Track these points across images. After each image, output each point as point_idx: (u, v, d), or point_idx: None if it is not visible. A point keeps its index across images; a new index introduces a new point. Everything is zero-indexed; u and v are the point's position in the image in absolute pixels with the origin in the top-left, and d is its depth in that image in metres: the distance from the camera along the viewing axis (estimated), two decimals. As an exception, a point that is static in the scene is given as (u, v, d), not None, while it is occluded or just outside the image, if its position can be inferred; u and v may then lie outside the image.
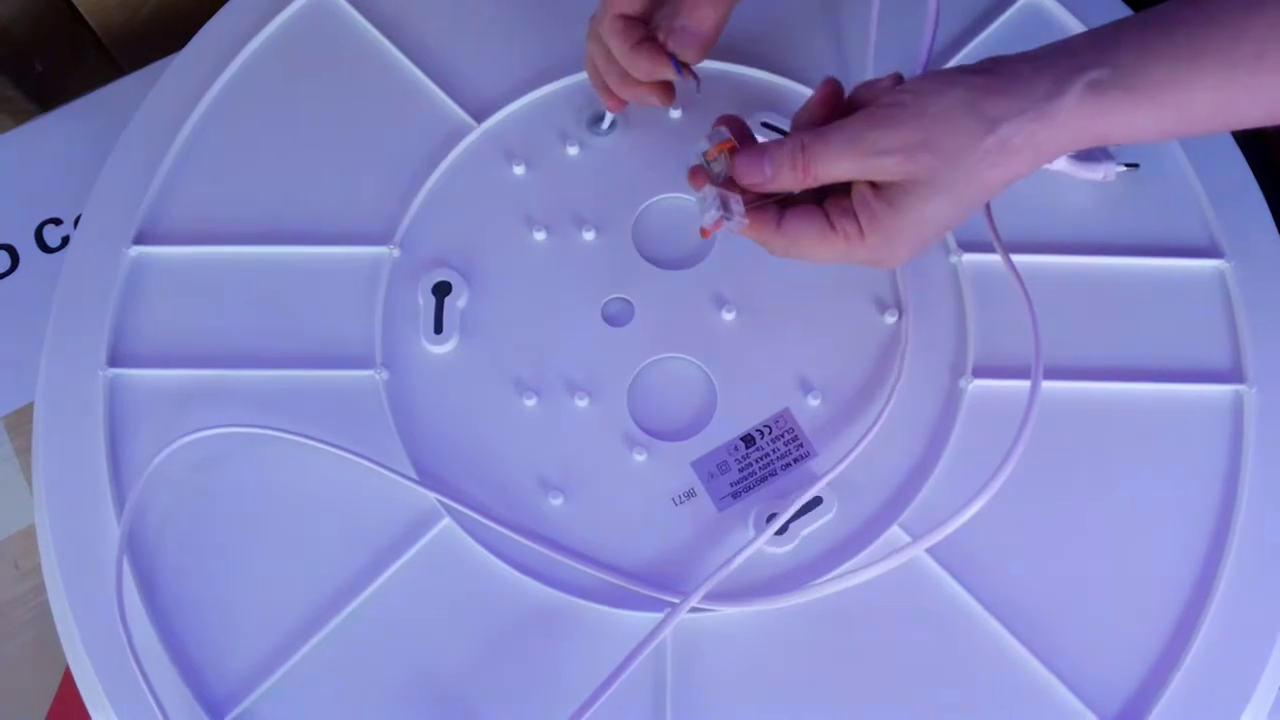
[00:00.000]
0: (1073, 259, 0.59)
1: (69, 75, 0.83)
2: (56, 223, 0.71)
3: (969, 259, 0.59)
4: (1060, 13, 0.65)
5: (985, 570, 0.54)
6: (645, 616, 0.53)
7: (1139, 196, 0.61)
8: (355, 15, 0.66)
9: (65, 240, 0.71)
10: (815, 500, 0.55)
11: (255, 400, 0.57)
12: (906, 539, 0.54)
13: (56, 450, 0.57)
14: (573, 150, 0.62)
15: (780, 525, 0.54)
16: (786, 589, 0.53)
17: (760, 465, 0.56)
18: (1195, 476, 0.56)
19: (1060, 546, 0.54)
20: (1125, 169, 0.60)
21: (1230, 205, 0.60)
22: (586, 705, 0.50)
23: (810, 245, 0.51)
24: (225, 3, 0.67)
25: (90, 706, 0.54)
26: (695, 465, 0.56)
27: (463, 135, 0.63)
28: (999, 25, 0.65)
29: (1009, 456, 0.51)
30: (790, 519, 0.54)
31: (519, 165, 0.62)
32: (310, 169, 0.62)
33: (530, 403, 0.57)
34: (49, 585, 0.56)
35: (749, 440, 0.57)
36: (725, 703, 0.52)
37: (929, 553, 0.53)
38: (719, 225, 0.51)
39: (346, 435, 0.56)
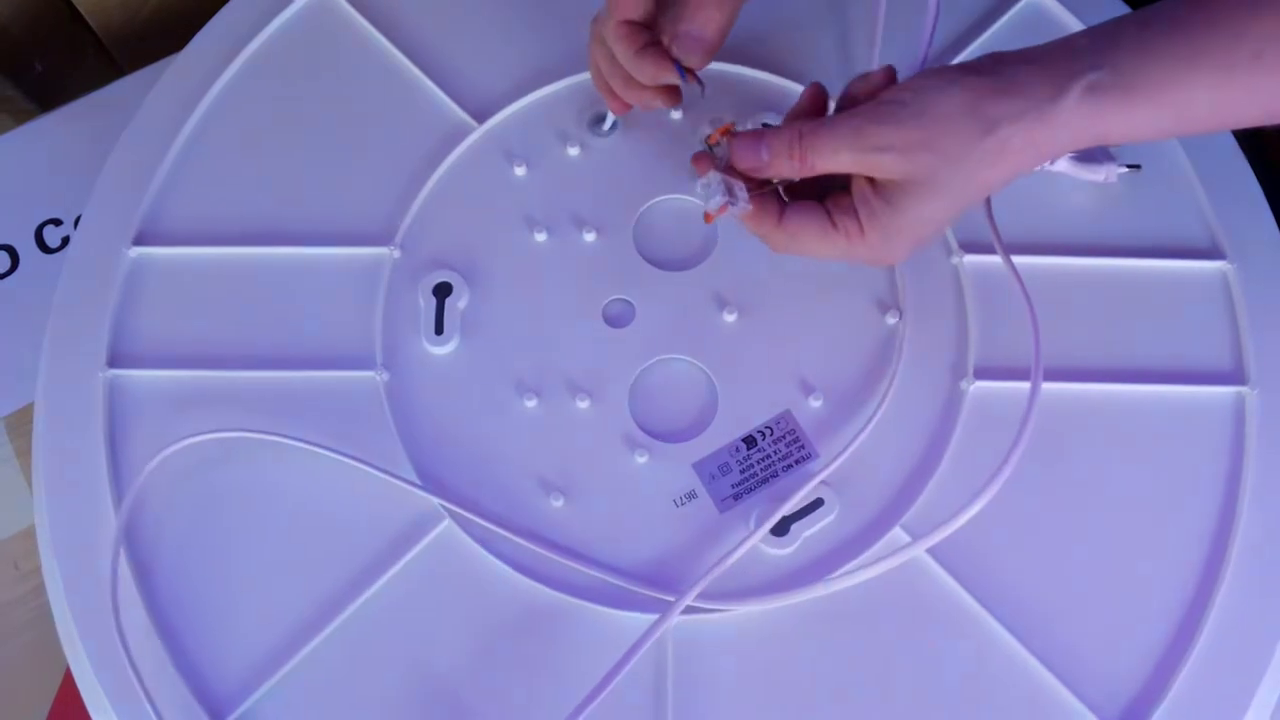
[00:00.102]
0: (1074, 260, 0.59)
1: (69, 75, 0.83)
2: (56, 223, 0.71)
3: (970, 260, 0.59)
4: (1061, 12, 0.65)
5: (987, 572, 0.54)
6: (646, 618, 0.53)
7: (1140, 198, 0.61)
8: (355, 15, 0.66)
9: (65, 241, 0.71)
10: (817, 502, 0.55)
11: (256, 401, 0.57)
12: (907, 540, 0.54)
13: (56, 451, 0.57)
14: (574, 151, 0.62)
15: (775, 522, 0.53)
16: (788, 590, 0.53)
17: (762, 467, 0.56)
18: (1197, 478, 0.56)
19: (1062, 548, 0.54)
20: (1127, 170, 0.60)
21: (1232, 206, 0.60)
22: (584, 705, 0.50)
23: (811, 241, 0.51)
24: (225, 3, 0.66)
25: (90, 708, 0.54)
26: (696, 467, 0.56)
27: (463, 136, 0.63)
28: (1000, 25, 0.64)
29: (1009, 458, 0.51)
30: (791, 520, 0.54)
31: (520, 166, 0.62)
32: (311, 169, 0.62)
33: (531, 404, 0.57)
34: (49, 586, 0.56)
35: (750, 441, 0.57)
36: (726, 703, 0.52)
37: (930, 554, 0.53)
38: (723, 210, 0.51)
39: (347, 436, 0.56)
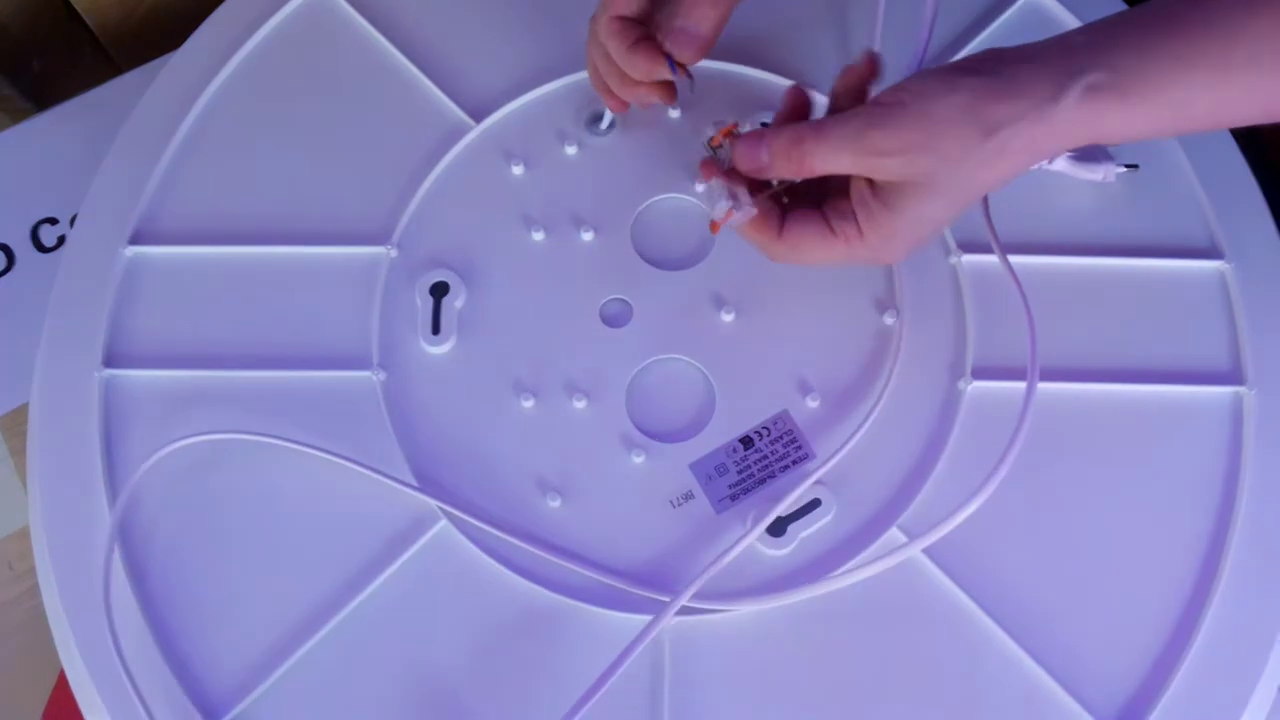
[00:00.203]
0: (1072, 260, 0.59)
1: (66, 74, 0.83)
2: (53, 222, 0.71)
3: (968, 259, 0.59)
4: (1060, 12, 0.64)
5: (984, 572, 0.54)
6: (643, 619, 0.52)
7: (1139, 197, 0.61)
8: (353, 14, 0.65)
9: (61, 240, 0.71)
10: (814, 502, 0.54)
11: (252, 400, 0.57)
12: (905, 541, 0.54)
13: (51, 451, 0.57)
14: (571, 150, 0.62)
15: (770, 522, 0.53)
16: (785, 590, 0.53)
17: (759, 467, 0.56)
18: (1194, 478, 0.55)
19: (1059, 548, 0.54)
20: (1125, 170, 0.60)
21: (1230, 206, 0.60)
22: (579, 705, 0.50)
23: (812, 249, 0.51)
24: (222, 1, 0.66)
25: (84, 709, 0.54)
26: (693, 467, 0.56)
27: (461, 135, 0.62)
28: (999, 24, 0.64)
29: (1004, 458, 0.51)
30: (788, 520, 0.54)
31: (517, 165, 0.62)
32: (307, 169, 0.62)
33: (528, 404, 0.57)
34: (43, 587, 0.56)
35: (748, 442, 0.56)
36: (723, 703, 0.52)
37: (927, 554, 0.53)
38: (729, 216, 0.51)
39: (343, 436, 0.56)
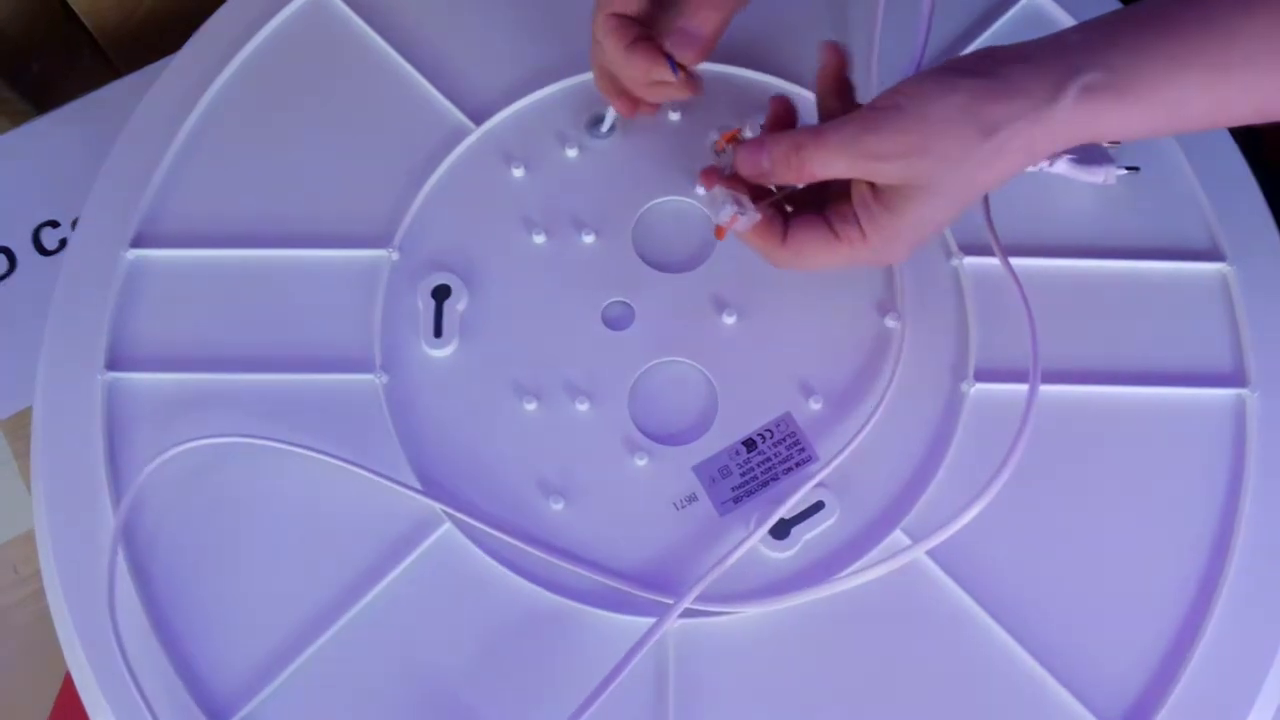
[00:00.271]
0: (1074, 262, 0.59)
1: (65, 76, 0.83)
2: (54, 225, 0.71)
3: (970, 262, 0.59)
4: (1058, 12, 0.64)
5: (988, 575, 0.54)
6: (647, 621, 0.52)
7: (1140, 200, 0.61)
8: (353, 17, 0.65)
9: (63, 243, 0.71)
10: (818, 505, 0.55)
11: (255, 404, 0.57)
12: (908, 543, 0.54)
13: (55, 454, 0.57)
14: (572, 153, 0.62)
15: (772, 524, 0.53)
16: (789, 593, 0.53)
17: (762, 470, 0.56)
18: (1197, 480, 0.56)
19: (1063, 551, 0.54)
20: (1126, 172, 0.60)
21: (1231, 208, 0.60)
22: (583, 708, 0.50)
23: (816, 253, 0.52)
24: (222, 3, 0.66)
25: (90, 711, 0.54)
26: (696, 470, 0.56)
27: (462, 137, 0.62)
28: (999, 26, 0.64)
29: (1007, 461, 0.51)
30: (792, 523, 0.54)
31: (518, 168, 0.62)
32: (308, 171, 0.62)
33: (531, 406, 0.57)
34: (48, 590, 0.56)
35: (750, 444, 0.56)
36: (728, 706, 0.52)
37: (931, 557, 0.53)
38: (734, 221, 0.51)
39: (346, 439, 0.56)
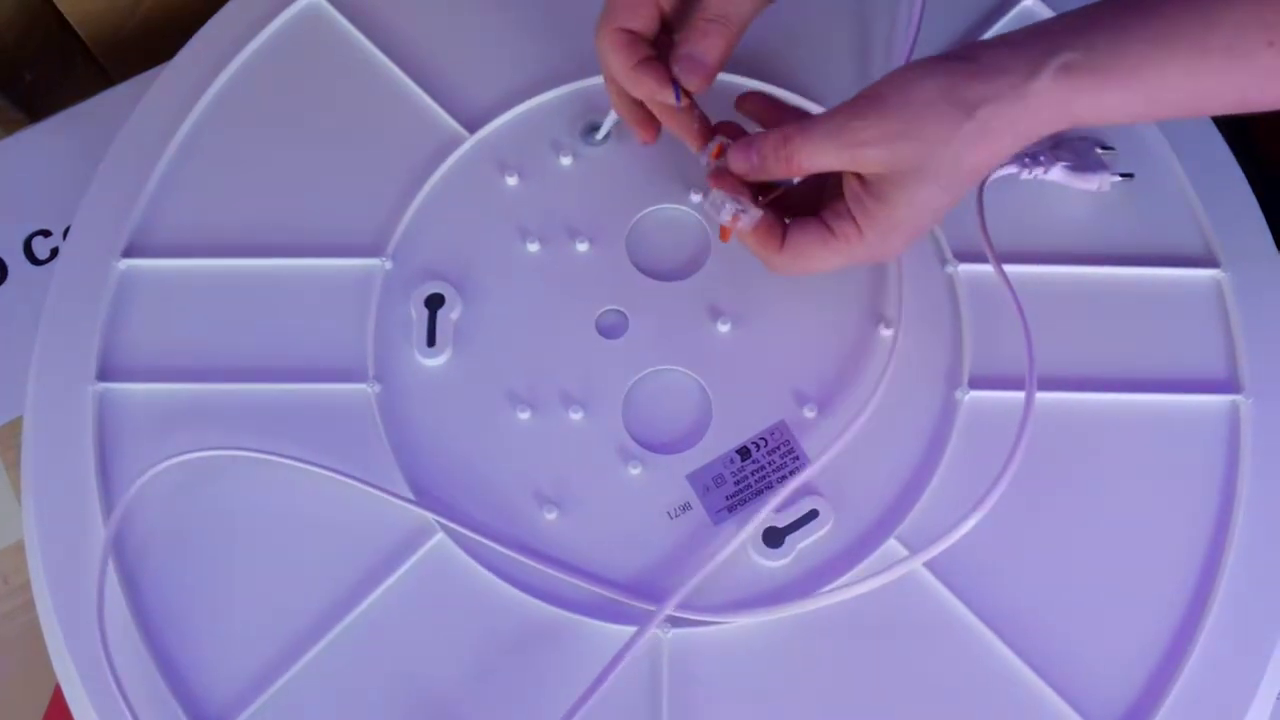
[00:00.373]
0: (1068, 269, 0.59)
1: (58, 85, 0.83)
2: (45, 234, 0.71)
3: (965, 269, 0.59)
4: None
5: (982, 583, 0.54)
6: (641, 631, 0.52)
7: (1134, 206, 0.61)
8: (347, 25, 0.65)
9: (54, 252, 0.70)
10: (812, 513, 0.54)
11: (247, 414, 0.57)
12: (904, 552, 0.54)
13: (45, 464, 0.57)
14: (566, 161, 0.62)
15: (755, 531, 0.54)
16: (782, 602, 0.52)
17: (756, 478, 0.56)
18: (1192, 487, 0.55)
19: (1057, 558, 0.54)
20: (1120, 179, 0.60)
21: (1225, 214, 0.60)
22: (568, 716, 0.50)
23: (813, 254, 0.52)
24: (215, 12, 0.66)
25: (80, 723, 0.54)
26: (690, 478, 0.56)
27: (455, 146, 0.62)
28: (999, 27, 0.64)
29: (1004, 471, 0.51)
30: (785, 531, 0.54)
31: (512, 176, 0.62)
32: (301, 180, 0.62)
33: (524, 416, 0.57)
34: (37, 600, 0.56)
35: (745, 453, 0.56)
36: (722, 716, 0.52)
37: (926, 565, 0.53)
38: (736, 220, 0.52)
39: (339, 449, 0.56)
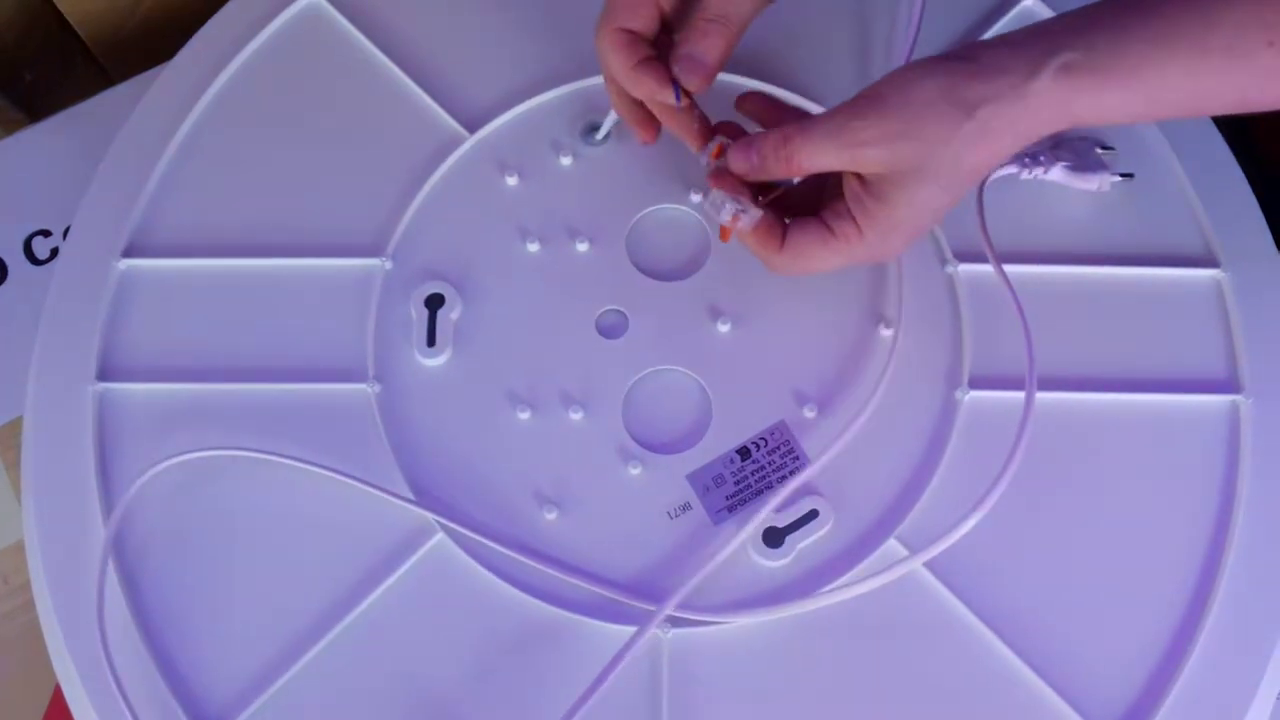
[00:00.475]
0: (1068, 269, 0.59)
1: (58, 85, 0.83)
2: (46, 234, 0.71)
3: (965, 269, 0.59)
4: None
5: (982, 583, 0.54)
6: (641, 631, 0.52)
7: (1134, 206, 0.61)
8: (347, 25, 0.65)
9: (54, 252, 0.70)
10: (812, 513, 0.54)
11: (247, 414, 0.57)
12: (904, 552, 0.54)
13: (46, 465, 0.57)
14: (566, 161, 0.62)
15: (754, 531, 0.54)
16: (782, 602, 0.52)
17: (756, 478, 0.56)
18: (1192, 487, 0.55)
19: (1057, 558, 0.54)
20: (1120, 179, 0.60)
21: (1225, 214, 0.60)
22: (568, 716, 0.50)
23: (814, 254, 0.52)
24: (215, 12, 0.66)
25: (80, 723, 0.54)
26: (690, 478, 0.56)
27: (455, 146, 0.62)
28: (999, 27, 0.64)
29: (1004, 471, 0.51)
30: (785, 531, 0.54)
31: (512, 176, 0.62)
32: (301, 180, 0.62)
33: (524, 416, 0.57)
34: (37, 601, 0.56)
35: (745, 453, 0.56)
36: (723, 716, 0.52)
37: (925, 565, 0.53)
38: (737, 219, 0.52)
39: (339, 449, 0.56)
